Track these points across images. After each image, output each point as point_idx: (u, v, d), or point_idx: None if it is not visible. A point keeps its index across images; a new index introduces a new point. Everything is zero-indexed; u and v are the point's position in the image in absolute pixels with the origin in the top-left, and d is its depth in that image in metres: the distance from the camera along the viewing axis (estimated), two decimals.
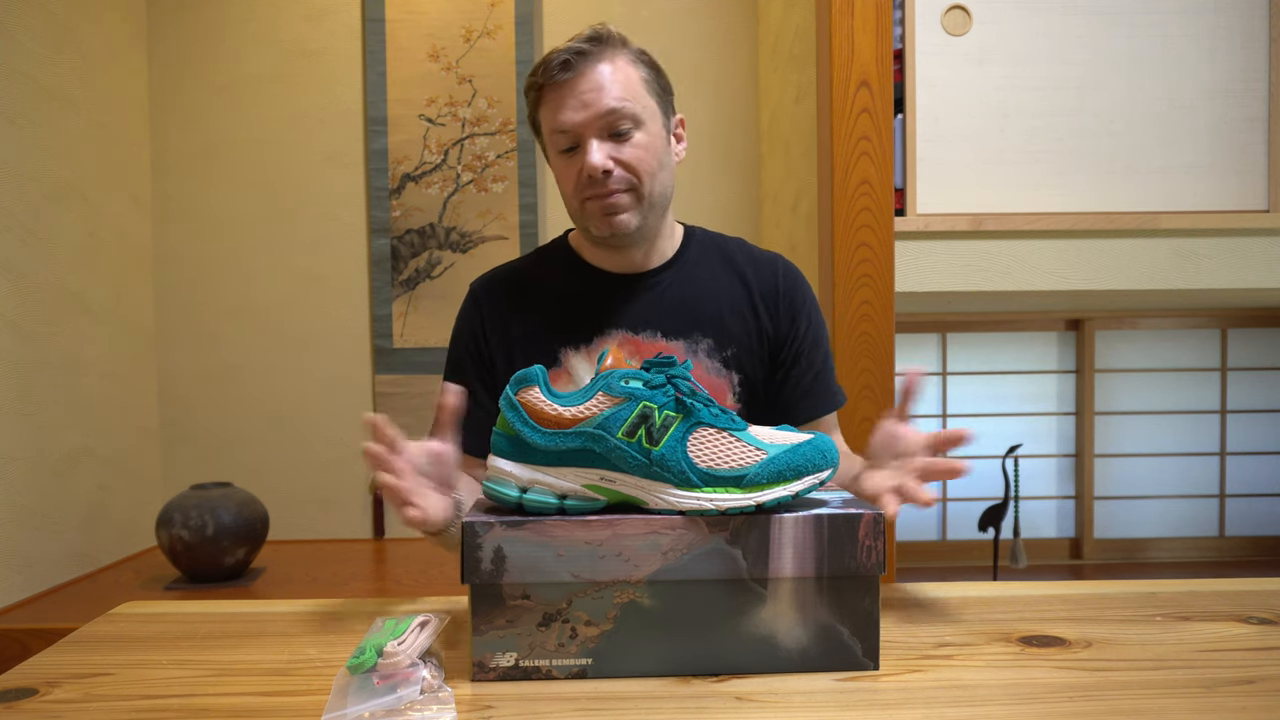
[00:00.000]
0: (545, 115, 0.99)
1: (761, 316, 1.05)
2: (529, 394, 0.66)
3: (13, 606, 1.82)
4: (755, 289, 1.06)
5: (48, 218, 1.98)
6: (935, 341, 2.77)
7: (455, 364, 1.09)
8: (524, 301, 1.06)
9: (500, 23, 2.42)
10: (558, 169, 1.01)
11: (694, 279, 1.06)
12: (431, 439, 0.81)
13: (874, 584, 0.65)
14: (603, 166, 0.94)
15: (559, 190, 1.04)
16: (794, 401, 1.07)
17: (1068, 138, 1.76)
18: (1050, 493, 2.81)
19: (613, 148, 0.96)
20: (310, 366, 2.47)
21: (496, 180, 2.44)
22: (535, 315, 1.05)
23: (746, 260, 1.09)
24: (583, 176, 0.97)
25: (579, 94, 0.95)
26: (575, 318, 1.04)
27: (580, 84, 0.95)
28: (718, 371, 1.04)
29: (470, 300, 1.10)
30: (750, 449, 0.65)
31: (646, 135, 0.97)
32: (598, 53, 0.96)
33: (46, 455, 1.95)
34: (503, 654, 0.64)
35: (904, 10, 1.72)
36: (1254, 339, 2.77)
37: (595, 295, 1.05)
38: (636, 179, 0.97)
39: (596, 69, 0.96)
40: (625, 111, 0.95)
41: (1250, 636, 0.71)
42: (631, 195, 0.97)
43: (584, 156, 0.96)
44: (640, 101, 0.97)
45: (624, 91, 0.96)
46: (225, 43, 2.43)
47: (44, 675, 0.66)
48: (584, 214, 1.00)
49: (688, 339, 1.03)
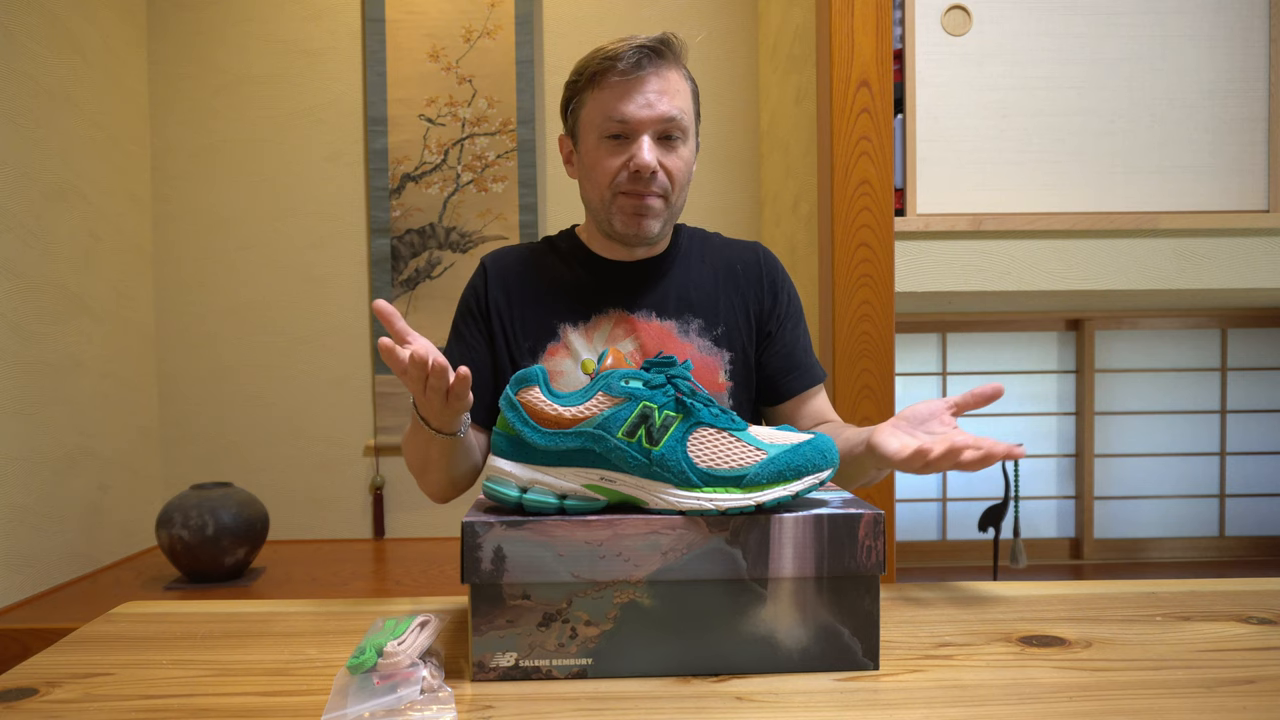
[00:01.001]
0: (602, 99, 1.00)
1: (747, 295, 1.11)
2: (529, 394, 0.66)
3: (13, 606, 1.82)
4: (739, 270, 1.13)
5: (48, 218, 1.97)
6: (935, 341, 2.77)
7: (460, 326, 1.13)
8: (530, 277, 1.11)
9: (500, 23, 2.42)
10: (594, 156, 1.02)
11: (686, 267, 1.12)
12: None
13: (874, 584, 0.65)
14: (653, 165, 0.98)
15: (583, 178, 1.06)
16: (784, 373, 1.12)
17: (1067, 138, 1.76)
18: (1050, 493, 2.81)
19: (661, 152, 1.00)
20: (310, 366, 2.47)
21: (496, 180, 2.44)
22: (539, 290, 1.09)
23: (728, 247, 1.16)
24: (626, 169, 1.00)
25: (646, 92, 0.98)
26: (576, 296, 1.08)
27: (650, 82, 0.99)
28: (709, 350, 1.08)
29: (480, 270, 1.14)
30: (750, 449, 0.65)
31: (687, 149, 1.03)
32: (667, 58, 1.00)
33: (46, 455, 1.95)
34: (503, 654, 0.64)
35: (904, 10, 1.72)
36: (1254, 339, 2.77)
37: (596, 278, 1.10)
38: (671, 187, 1.02)
39: (665, 74, 1.00)
40: (680, 122, 1.00)
41: (1250, 636, 0.71)
42: (662, 202, 1.02)
43: (633, 150, 0.99)
44: (689, 117, 1.03)
45: (682, 103, 1.01)
46: (225, 42, 2.43)
47: (44, 675, 0.66)
48: (613, 207, 1.03)
49: (679, 319, 1.08)
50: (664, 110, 0.98)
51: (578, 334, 1.06)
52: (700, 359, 1.07)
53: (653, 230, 1.03)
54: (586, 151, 1.04)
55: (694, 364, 1.07)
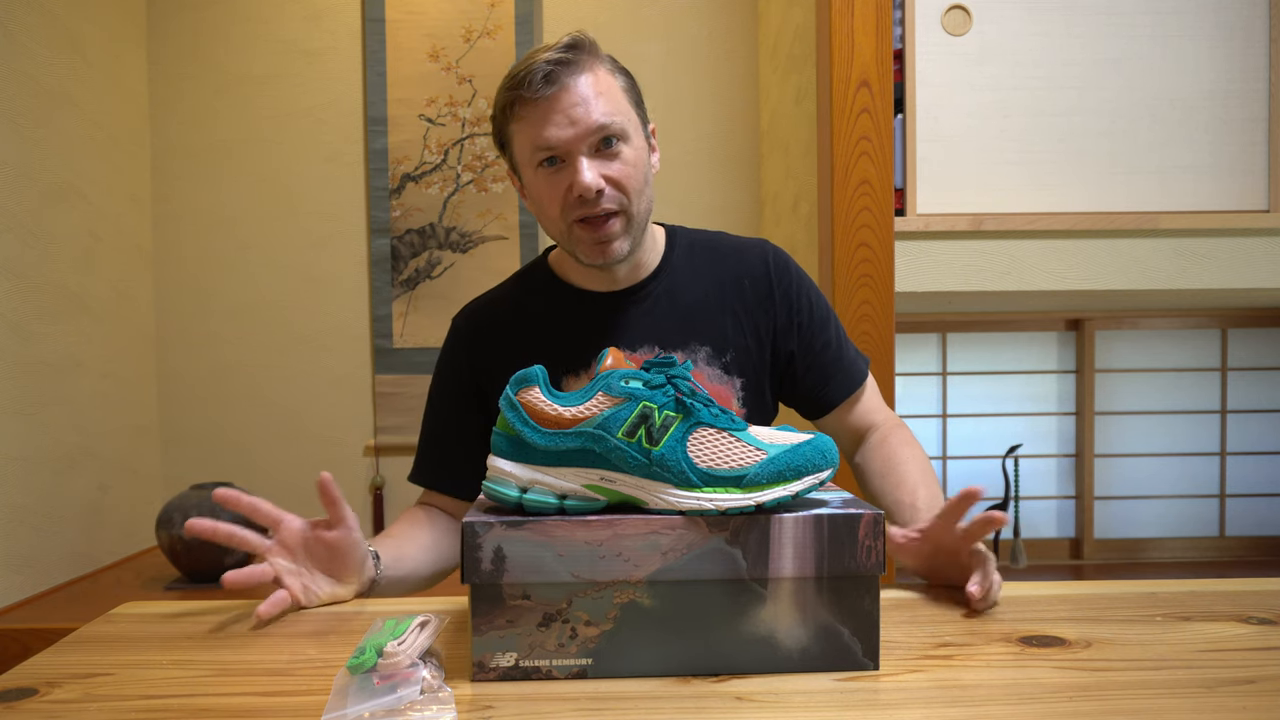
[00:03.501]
0: (523, 131, 0.92)
1: (757, 315, 1.03)
2: (529, 394, 0.66)
3: (13, 606, 1.82)
4: (746, 284, 1.03)
5: (48, 218, 1.97)
6: (935, 341, 2.77)
7: (440, 403, 1.06)
8: (513, 333, 1.03)
9: (500, 23, 2.42)
10: (537, 186, 0.95)
11: (682, 286, 1.03)
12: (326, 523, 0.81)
13: (874, 584, 0.65)
14: (595, 185, 0.90)
15: (536, 212, 0.98)
16: (823, 383, 1.04)
17: (1067, 138, 1.76)
18: (1050, 493, 2.80)
19: (601, 164, 0.91)
20: (310, 366, 2.47)
21: (496, 180, 2.44)
22: (527, 347, 1.00)
23: (731, 253, 1.06)
24: (571, 195, 0.91)
25: (565, 109, 0.89)
26: (569, 344, 1.00)
27: (565, 98, 0.89)
28: (719, 378, 1.01)
29: (454, 336, 1.06)
30: (750, 449, 0.65)
31: (632, 150, 0.93)
32: (578, 63, 0.91)
33: (46, 455, 1.95)
34: (503, 654, 0.64)
35: (904, 10, 1.72)
36: (1254, 339, 2.77)
37: (586, 319, 1.01)
38: (626, 197, 0.93)
39: (580, 81, 0.90)
40: (613, 127, 0.91)
41: (1250, 636, 0.71)
42: (621, 219, 0.93)
43: (572, 174, 0.91)
44: (624, 114, 0.93)
45: (610, 105, 0.91)
46: (225, 42, 2.43)
47: (44, 675, 0.66)
48: (572, 239, 0.95)
49: (685, 349, 1.01)
50: (592, 122, 0.89)
51: (580, 384, 0.99)
52: (711, 388, 1.00)
53: (621, 251, 0.95)
54: (529, 184, 0.96)
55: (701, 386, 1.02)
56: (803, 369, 1.05)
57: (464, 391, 1.04)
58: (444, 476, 1.06)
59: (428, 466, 1.07)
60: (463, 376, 1.04)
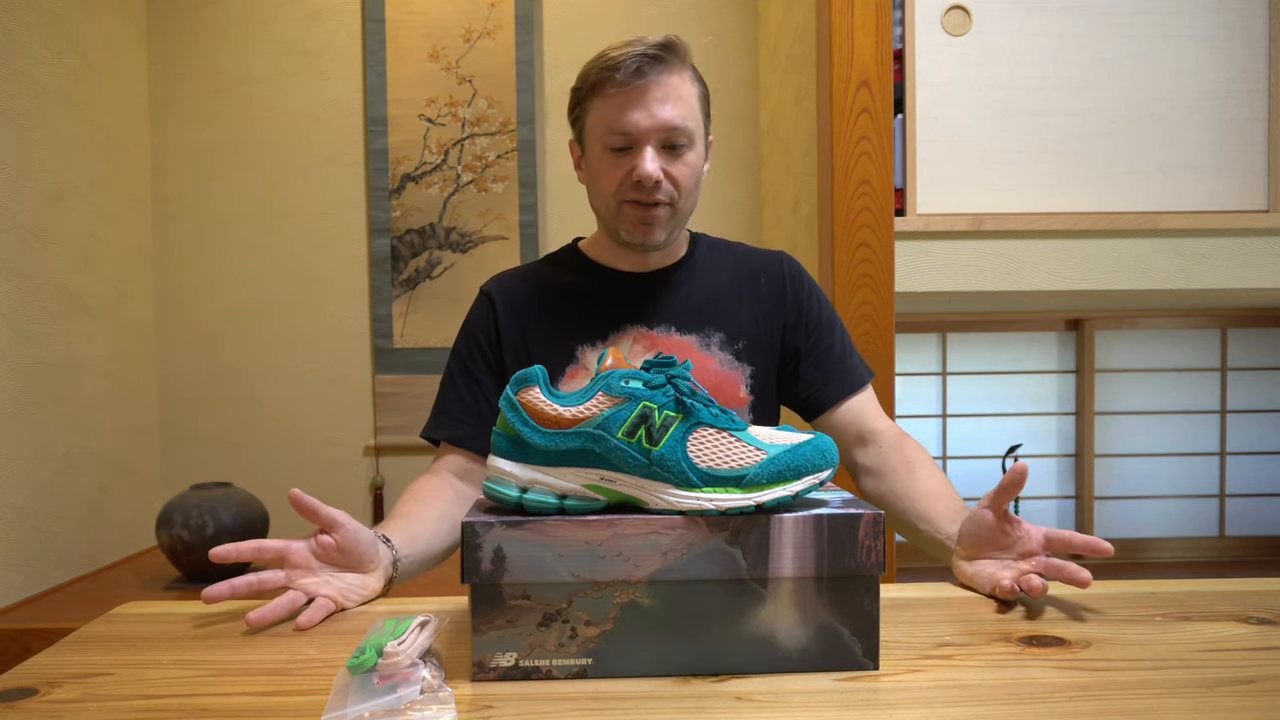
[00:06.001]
0: (603, 109, 0.99)
1: (770, 308, 1.09)
2: (529, 394, 0.66)
3: (13, 606, 1.82)
4: (763, 283, 1.10)
5: (48, 218, 1.97)
6: (935, 341, 2.77)
7: (465, 360, 1.09)
8: (538, 300, 1.08)
9: (500, 23, 2.42)
10: (599, 165, 1.01)
11: (704, 277, 1.10)
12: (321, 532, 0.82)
13: (874, 584, 0.65)
14: (655, 176, 0.97)
15: (589, 185, 1.05)
16: (824, 382, 1.08)
17: (1068, 138, 1.76)
18: (1050, 493, 2.80)
19: (666, 160, 0.99)
20: (310, 367, 2.47)
21: (496, 180, 2.44)
22: (551, 312, 1.07)
23: (750, 257, 1.13)
24: (629, 179, 0.99)
25: (647, 102, 0.97)
26: (591, 315, 1.06)
27: (651, 91, 0.97)
28: (730, 364, 1.06)
29: (483, 298, 1.11)
30: (750, 449, 0.65)
31: (694, 154, 1.01)
32: (669, 63, 0.98)
33: (46, 455, 1.95)
34: (503, 654, 0.64)
35: (904, 10, 1.72)
36: (1254, 339, 2.77)
37: (610, 293, 1.08)
38: (678, 193, 1.00)
39: (667, 80, 0.97)
40: (685, 129, 0.98)
41: (1250, 636, 0.71)
42: (669, 209, 1.01)
43: (636, 160, 0.98)
44: (695, 121, 1.00)
45: (686, 109, 0.98)
46: (225, 42, 2.43)
47: (44, 675, 0.66)
48: (619, 215, 1.02)
49: (700, 333, 1.06)
50: (666, 119, 0.97)
51: (596, 355, 1.03)
52: (722, 373, 1.05)
53: (659, 237, 1.02)
54: (592, 160, 1.03)
55: (715, 378, 1.04)
56: (805, 366, 1.09)
57: (487, 363, 1.08)
58: (465, 431, 1.07)
59: (447, 420, 1.08)
60: (491, 333, 1.08)
